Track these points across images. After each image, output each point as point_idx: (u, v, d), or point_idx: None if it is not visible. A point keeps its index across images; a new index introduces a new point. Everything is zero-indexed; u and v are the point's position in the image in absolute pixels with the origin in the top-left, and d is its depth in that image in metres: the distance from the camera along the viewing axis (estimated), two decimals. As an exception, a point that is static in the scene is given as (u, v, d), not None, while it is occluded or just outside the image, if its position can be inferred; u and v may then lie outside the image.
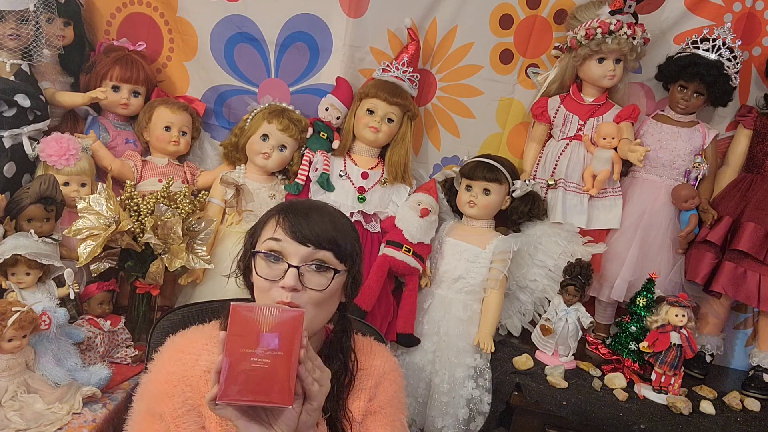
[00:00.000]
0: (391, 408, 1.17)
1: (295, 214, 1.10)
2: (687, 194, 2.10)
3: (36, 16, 1.80)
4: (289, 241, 1.07)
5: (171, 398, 1.05)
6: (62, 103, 1.99)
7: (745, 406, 1.88)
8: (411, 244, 2.03)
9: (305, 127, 2.13)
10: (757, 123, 2.16)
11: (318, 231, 1.08)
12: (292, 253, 1.07)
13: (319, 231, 1.08)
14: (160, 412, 1.04)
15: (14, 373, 1.44)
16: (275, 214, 1.13)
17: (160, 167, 2.08)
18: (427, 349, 2.03)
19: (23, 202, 1.67)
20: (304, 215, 1.10)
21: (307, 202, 1.16)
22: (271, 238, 1.09)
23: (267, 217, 1.15)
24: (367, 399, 1.16)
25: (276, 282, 1.06)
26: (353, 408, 1.15)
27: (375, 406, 1.17)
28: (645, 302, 1.95)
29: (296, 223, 1.08)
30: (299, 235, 1.07)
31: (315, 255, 1.08)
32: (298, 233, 1.07)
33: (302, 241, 1.07)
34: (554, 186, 2.21)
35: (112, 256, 1.79)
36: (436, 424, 1.97)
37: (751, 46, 2.19)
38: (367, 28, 2.14)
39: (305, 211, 1.12)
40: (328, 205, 1.19)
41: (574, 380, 1.87)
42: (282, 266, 1.07)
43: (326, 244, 1.08)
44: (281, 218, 1.10)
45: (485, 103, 2.28)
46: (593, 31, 2.07)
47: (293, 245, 1.07)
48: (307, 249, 1.07)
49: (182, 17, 2.14)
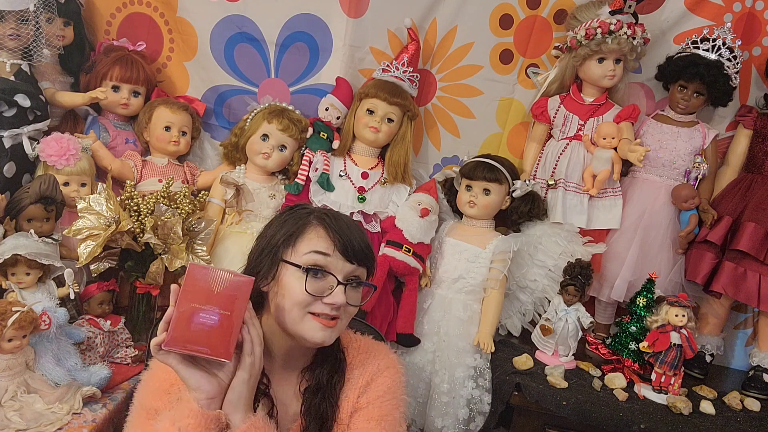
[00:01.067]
0: (379, 403, 1.16)
1: (343, 230, 1.11)
2: (687, 194, 2.10)
3: (36, 16, 1.80)
4: (338, 257, 1.09)
5: (168, 395, 1.05)
6: (62, 103, 1.99)
7: (745, 406, 1.88)
8: (411, 244, 2.04)
9: (305, 127, 2.13)
10: (757, 123, 2.16)
11: (362, 248, 1.11)
12: (339, 270, 1.09)
13: (363, 248, 1.12)
14: (156, 408, 1.05)
15: (14, 373, 1.45)
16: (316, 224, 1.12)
17: (160, 167, 2.08)
18: (427, 349, 2.03)
19: (23, 202, 1.67)
20: (349, 231, 1.11)
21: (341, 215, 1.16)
22: (318, 252, 1.09)
23: (303, 225, 1.12)
24: (356, 397, 1.16)
25: (319, 298, 1.08)
26: (342, 407, 1.15)
27: (363, 402, 1.16)
28: (645, 302, 1.95)
29: (347, 240, 1.10)
30: (349, 252, 1.09)
31: (355, 272, 1.11)
32: (349, 250, 1.09)
33: (349, 258, 1.10)
34: (554, 186, 2.20)
35: (112, 256, 1.79)
36: (436, 424, 1.97)
37: (751, 46, 2.19)
38: (367, 28, 2.14)
39: (348, 226, 1.13)
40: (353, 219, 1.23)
41: (574, 380, 1.87)
42: (327, 281, 1.08)
43: (366, 261, 1.13)
44: (331, 233, 1.10)
45: (485, 103, 2.28)
46: (593, 31, 2.07)
47: (341, 262, 1.09)
48: (351, 266, 1.10)
49: (182, 17, 2.14)
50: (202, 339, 0.96)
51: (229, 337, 0.97)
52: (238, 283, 0.99)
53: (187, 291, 0.96)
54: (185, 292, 0.96)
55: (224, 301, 0.97)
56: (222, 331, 0.97)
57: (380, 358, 1.22)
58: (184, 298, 0.96)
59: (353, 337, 1.24)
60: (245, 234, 2.02)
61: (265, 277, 1.12)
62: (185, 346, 0.95)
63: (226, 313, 0.97)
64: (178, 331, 0.95)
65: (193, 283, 0.97)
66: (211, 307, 0.97)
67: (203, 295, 0.97)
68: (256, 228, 2.02)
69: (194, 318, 0.96)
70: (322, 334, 1.08)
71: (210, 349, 0.96)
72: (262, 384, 1.12)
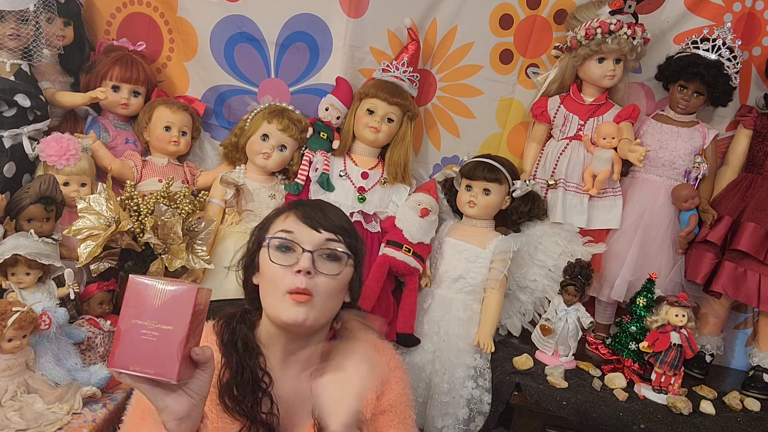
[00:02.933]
0: (401, 406, 1.18)
1: (307, 205, 1.16)
2: (687, 194, 2.10)
3: (36, 16, 1.80)
4: (302, 227, 1.12)
5: None
6: (62, 103, 1.99)
7: (745, 406, 1.88)
8: (411, 244, 2.03)
9: (305, 127, 2.13)
10: (757, 123, 2.16)
11: (330, 219, 1.14)
12: (305, 240, 1.11)
13: (331, 219, 1.14)
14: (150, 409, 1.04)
15: (14, 373, 1.45)
16: (285, 209, 1.18)
17: (160, 167, 2.08)
18: (427, 349, 2.03)
19: (23, 202, 1.67)
20: (316, 206, 1.16)
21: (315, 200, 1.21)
22: (282, 230, 1.13)
23: (276, 213, 1.19)
24: (375, 397, 1.16)
25: (290, 268, 1.09)
26: None
27: (385, 404, 1.17)
28: (645, 302, 1.95)
29: (309, 211, 1.14)
30: (312, 221, 1.12)
31: (327, 244, 1.12)
32: (311, 220, 1.13)
33: (315, 227, 1.12)
34: (554, 186, 2.20)
35: (112, 256, 1.79)
36: (436, 424, 1.97)
37: (751, 46, 2.19)
38: (367, 28, 2.14)
39: (317, 203, 1.18)
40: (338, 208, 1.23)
41: (574, 380, 1.87)
42: (295, 253, 1.11)
43: (338, 230, 1.14)
44: (293, 210, 1.15)
45: (485, 103, 2.28)
46: (593, 31, 2.07)
47: (306, 231, 1.12)
48: (319, 235, 1.12)
49: (182, 17, 2.14)
50: (145, 358, 0.87)
51: (173, 353, 0.87)
52: (179, 293, 0.89)
53: (127, 305, 0.88)
54: (125, 308, 0.88)
55: (165, 315, 0.88)
56: (165, 348, 0.87)
57: (389, 357, 1.24)
58: (124, 313, 0.88)
59: None
60: (245, 234, 1.99)
61: (254, 271, 1.17)
62: (128, 367, 0.87)
63: (168, 328, 0.88)
64: (119, 350, 0.87)
65: (132, 296, 0.89)
66: (151, 322, 0.87)
67: (143, 309, 0.88)
68: (256, 228, 2.03)
69: (135, 335, 0.87)
70: (295, 310, 1.08)
71: (154, 369, 0.87)
72: (263, 383, 1.13)
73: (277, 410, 1.13)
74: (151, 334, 0.87)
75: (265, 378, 1.13)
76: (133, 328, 0.88)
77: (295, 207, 1.17)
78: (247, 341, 1.15)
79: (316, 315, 1.10)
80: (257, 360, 1.14)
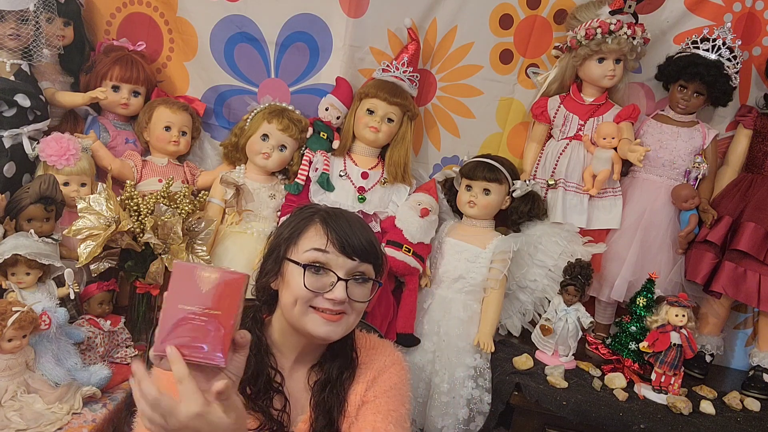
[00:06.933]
0: (386, 398, 1.18)
1: (341, 227, 1.12)
2: (687, 194, 2.10)
3: (36, 16, 1.80)
4: (337, 254, 1.11)
5: None
6: (62, 103, 1.99)
7: (745, 406, 1.88)
8: (411, 244, 2.03)
9: (305, 127, 2.13)
10: (757, 123, 2.16)
11: (363, 244, 1.12)
12: (339, 266, 1.11)
13: (364, 244, 1.12)
14: None
15: (14, 373, 1.45)
16: (317, 222, 1.14)
17: (160, 167, 2.08)
18: (427, 349, 2.03)
19: (23, 202, 1.67)
20: (348, 228, 1.13)
21: (344, 213, 1.18)
22: (316, 249, 1.11)
23: (305, 224, 1.15)
24: (363, 391, 1.18)
25: (320, 293, 1.09)
26: (350, 401, 1.17)
27: (369, 396, 1.18)
28: (645, 302, 1.95)
29: (344, 236, 1.11)
30: (348, 249, 1.11)
31: (359, 268, 1.12)
32: (347, 247, 1.11)
33: (350, 254, 1.11)
34: (554, 186, 2.20)
35: (112, 256, 1.79)
36: (436, 424, 1.97)
37: (751, 46, 2.19)
38: (367, 28, 2.13)
39: (348, 223, 1.14)
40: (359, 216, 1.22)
41: (574, 380, 1.87)
42: (328, 278, 1.10)
43: (369, 257, 1.13)
44: (328, 230, 1.12)
45: (485, 103, 2.28)
46: (593, 31, 2.07)
47: (341, 258, 1.11)
48: (353, 262, 1.11)
49: (182, 17, 2.14)
50: (192, 343, 0.87)
51: (220, 339, 0.88)
52: (229, 280, 0.89)
53: (174, 291, 0.88)
54: (171, 294, 0.88)
55: (214, 301, 0.88)
56: (213, 333, 0.88)
57: (386, 354, 1.25)
58: (171, 299, 0.88)
59: (359, 335, 1.26)
60: (245, 234, 2.02)
61: (275, 276, 1.16)
62: None
63: (217, 313, 0.88)
64: (166, 336, 0.87)
65: (179, 282, 0.89)
66: (199, 308, 0.88)
67: (191, 294, 0.88)
68: (256, 228, 2.03)
69: (183, 320, 0.87)
70: (326, 329, 1.11)
71: (203, 354, 0.87)
72: (275, 382, 1.14)
73: (289, 408, 1.15)
74: (199, 319, 0.88)
75: (277, 377, 1.15)
76: (180, 313, 0.88)
77: (328, 225, 1.13)
78: (259, 341, 1.16)
79: (343, 330, 1.14)
80: (269, 359, 1.16)
